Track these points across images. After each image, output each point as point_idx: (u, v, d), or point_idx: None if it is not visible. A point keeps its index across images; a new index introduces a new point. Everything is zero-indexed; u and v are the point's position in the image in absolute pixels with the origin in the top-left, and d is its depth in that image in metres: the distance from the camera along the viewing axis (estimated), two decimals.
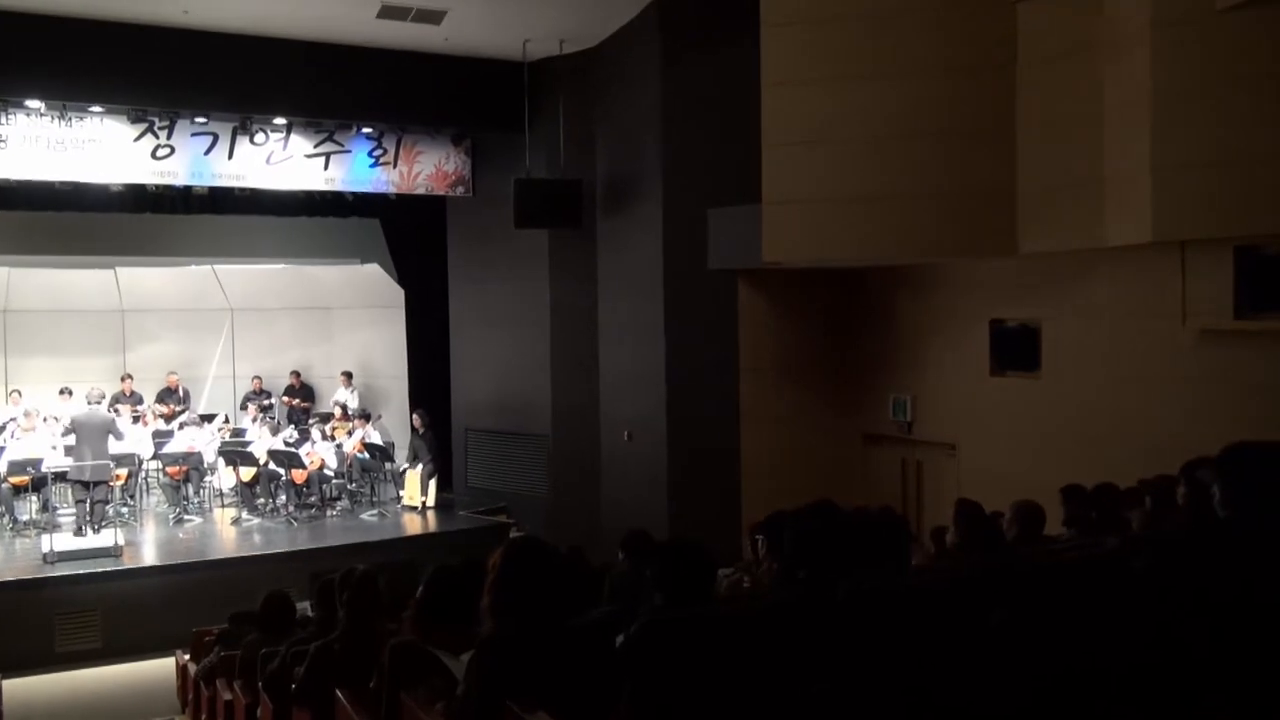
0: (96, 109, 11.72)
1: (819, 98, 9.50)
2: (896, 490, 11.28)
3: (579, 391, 13.17)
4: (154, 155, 12.14)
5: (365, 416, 14.02)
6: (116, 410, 14.24)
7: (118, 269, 15.57)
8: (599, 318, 12.98)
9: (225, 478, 13.53)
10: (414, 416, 13.88)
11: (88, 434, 11.66)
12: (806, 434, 11.64)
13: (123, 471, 12.39)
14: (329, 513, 13.17)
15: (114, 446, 11.93)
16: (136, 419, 14.32)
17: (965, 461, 10.55)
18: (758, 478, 11.44)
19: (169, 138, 12.12)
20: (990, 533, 5.36)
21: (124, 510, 12.66)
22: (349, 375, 15.70)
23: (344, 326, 16.51)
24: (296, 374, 16.03)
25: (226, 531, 12.59)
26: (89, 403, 12.14)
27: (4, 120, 11.47)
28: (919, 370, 11.11)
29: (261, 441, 13.45)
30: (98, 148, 11.88)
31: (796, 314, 11.72)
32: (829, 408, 11.80)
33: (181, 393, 15.50)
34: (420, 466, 13.48)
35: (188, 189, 12.97)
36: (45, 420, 12.93)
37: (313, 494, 13.15)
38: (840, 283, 11.65)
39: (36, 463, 11.94)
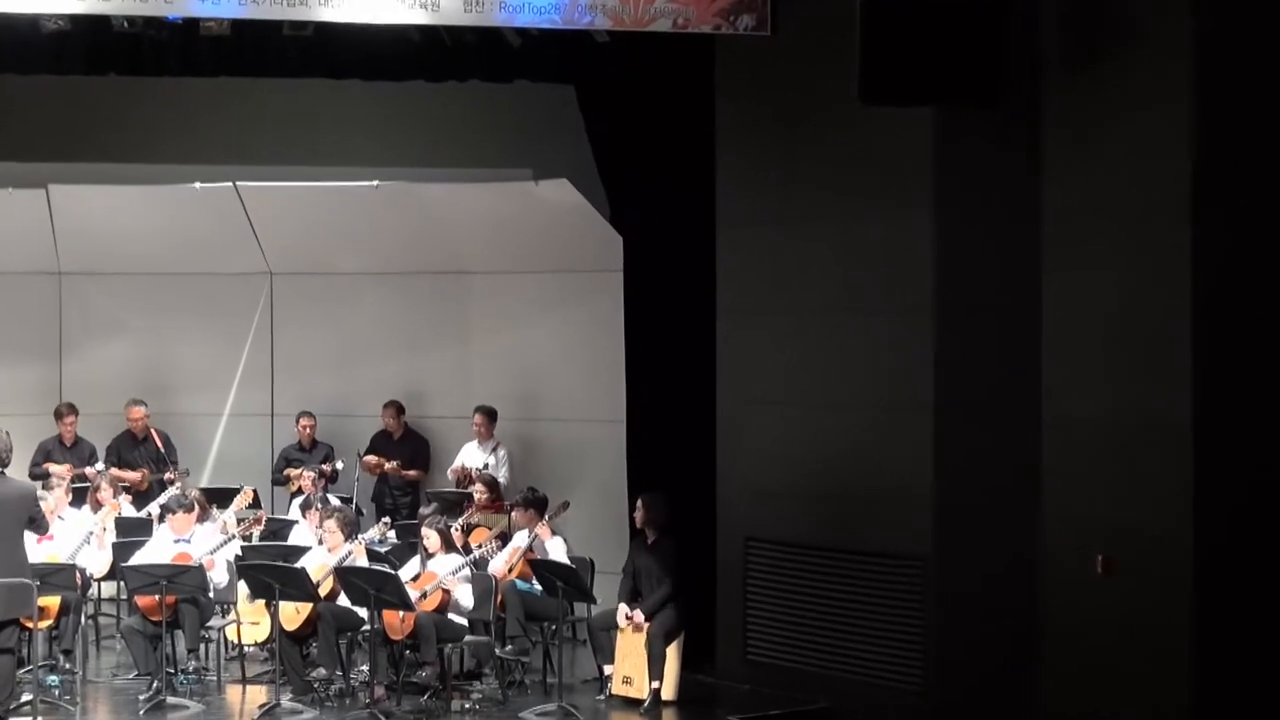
0: None
1: None
2: None
3: (994, 465, 13.07)
4: None
5: (538, 504, 14.21)
6: (46, 474, 14.79)
7: (51, 188, 16.33)
8: (1044, 300, 12.86)
9: (249, 621, 13.83)
10: (638, 506, 13.92)
11: None
12: None
13: (52, 601, 12.79)
14: (459, 704, 13.31)
15: (38, 550, 12.29)
16: (80, 494, 14.91)
17: None
18: None
19: None
20: None
21: (53, 679, 13.10)
22: (490, 415, 16.06)
23: (496, 311, 16.86)
24: (396, 409, 16.55)
25: None
26: None
27: None
28: None
29: (323, 549, 13.72)
30: None
31: None
32: None
33: (158, 443, 16.12)
34: (647, 612, 13.45)
35: (190, 26, 13.36)
36: None
37: (427, 662, 13.33)
38: None
39: None
